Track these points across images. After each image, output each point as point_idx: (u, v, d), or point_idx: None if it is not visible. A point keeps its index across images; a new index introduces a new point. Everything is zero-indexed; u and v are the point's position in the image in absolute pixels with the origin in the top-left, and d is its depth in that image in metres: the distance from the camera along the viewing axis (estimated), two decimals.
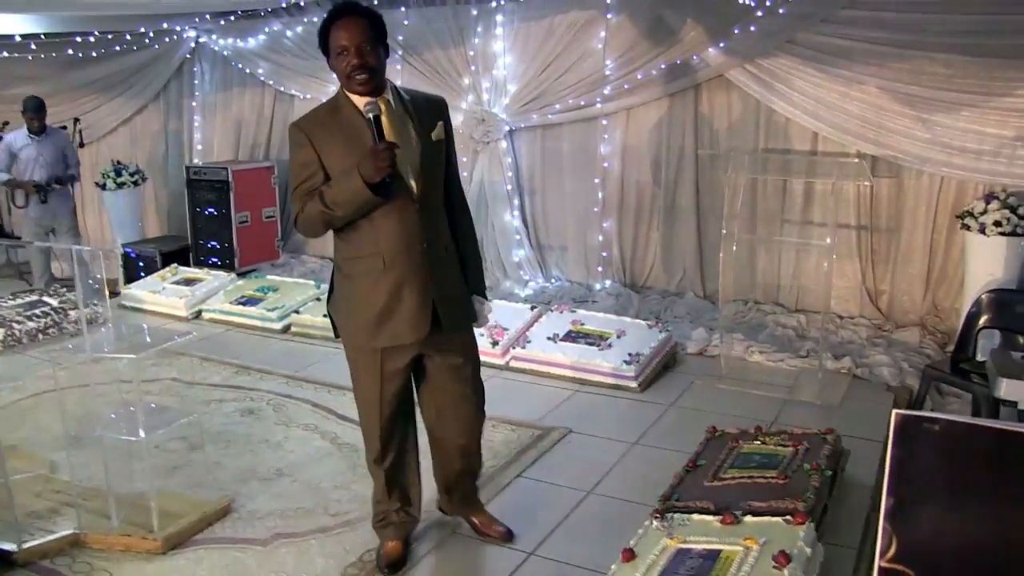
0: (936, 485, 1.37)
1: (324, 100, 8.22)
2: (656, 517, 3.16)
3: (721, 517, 3.07)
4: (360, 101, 2.93)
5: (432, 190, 3.03)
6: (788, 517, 2.99)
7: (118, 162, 8.67)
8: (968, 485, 1.36)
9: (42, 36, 8.64)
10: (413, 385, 3.26)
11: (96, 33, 8.74)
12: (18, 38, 8.56)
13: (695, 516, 3.14)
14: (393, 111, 2.97)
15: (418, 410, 3.36)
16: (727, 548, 2.85)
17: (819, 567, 2.91)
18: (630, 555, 2.93)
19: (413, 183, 2.96)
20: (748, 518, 3.05)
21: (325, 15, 2.94)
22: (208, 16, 8.46)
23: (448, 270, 3.11)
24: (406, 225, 2.95)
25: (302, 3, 7.76)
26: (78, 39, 8.84)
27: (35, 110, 7.14)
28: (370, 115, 2.84)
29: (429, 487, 3.47)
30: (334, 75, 3.01)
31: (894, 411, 1.38)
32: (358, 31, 2.86)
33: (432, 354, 3.15)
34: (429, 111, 3.07)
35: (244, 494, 3.93)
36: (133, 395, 3.69)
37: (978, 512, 1.35)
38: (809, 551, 2.82)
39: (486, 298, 3.30)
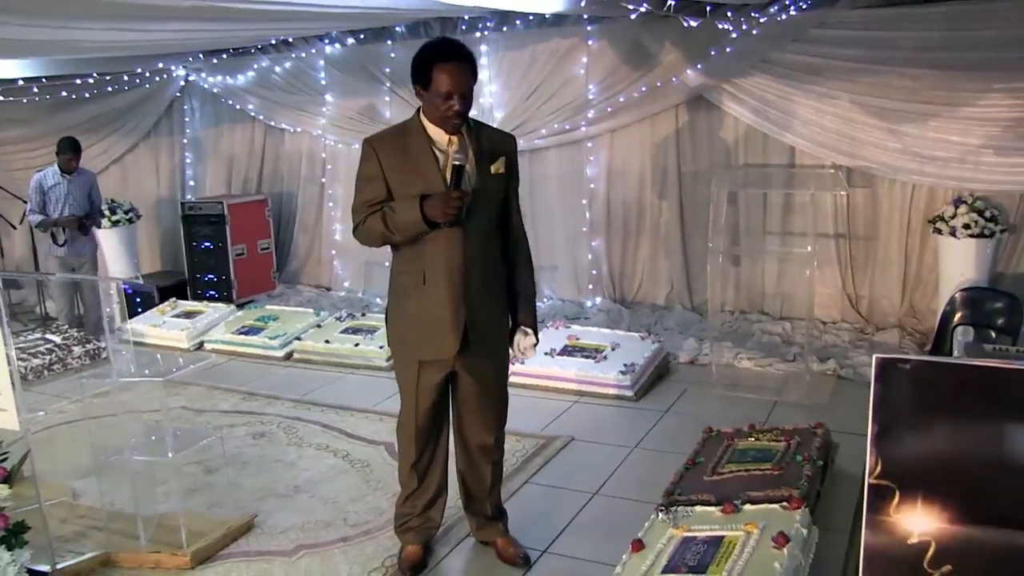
0: (909, 413, 1.68)
1: (314, 133, 8.43)
2: (661, 510, 3.36)
3: (722, 507, 3.28)
4: (433, 131, 3.10)
5: (479, 218, 3.16)
6: (784, 503, 3.20)
7: (112, 200, 8.82)
8: (934, 410, 1.67)
9: (43, 80, 8.80)
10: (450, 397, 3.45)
11: (95, 75, 8.92)
12: (21, 82, 8.74)
13: (697, 508, 3.35)
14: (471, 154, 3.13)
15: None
16: (729, 534, 3.06)
17: (815, 547, 3.12)
18: (639, 545, 3.13)
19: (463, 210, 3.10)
20: (747, 506, 3.26)
21: (429, 45, 3.05)
22: (202, 55, 8.68)
23: (486, 294, 3.25)
24: (449, 247, 3.12)
25: (291, 39, 8.00)
26: (77, 81, 9.01)
27: (74, 150, 7.25)
28: (455, 163, 3.00)
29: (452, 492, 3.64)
30: (323, 108, 3.19)
31: (875, 356, 1.65)
32: (465, 79, 2.99)
33: (463, 374, 3.31)
34: (494, 145, 3.20)
35: (264, 511, 4.08)
36: (162, 418, 3.86)
37: (942, 432, 1.66)
38: (805, 532, 3.04)
39: (534, 330, 3.38)
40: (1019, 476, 1.66)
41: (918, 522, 1.73)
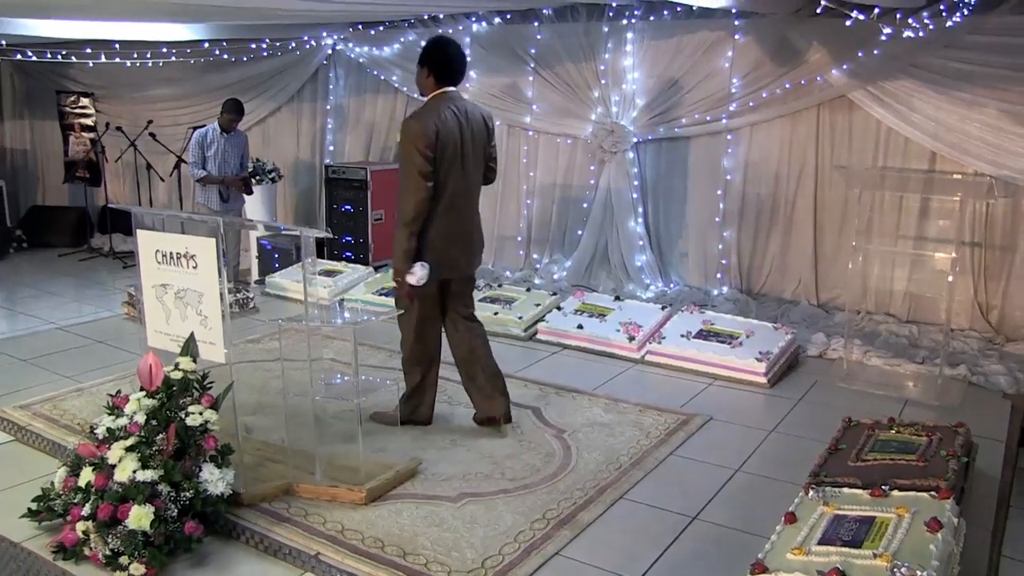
0: None
1: None
2: (812, 488, 3.58)
3: (870, 491, 3.48)
4: None
5: None
6: (933, 492, 3.38)
7: (257, 160, 9.31)
8: None
9: (206, 44, 9.31)
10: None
11: (257, 43, 9.40)
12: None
13: (845, 489, 3.56)
14: None
15: None
16: (880, 515, 3.26)
17: (963, 539, 3.31)
18: (792, 518, 3.35)
19: None
20: (895, 492, 3.45)
21: None
22: (362, 26, 9.06)
23: None
24: None
25: (441, 15, 8.33)
26: (224, 43, 9.49)
27: (238, 112, 7.78)
28: None
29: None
30: (467, 84, 3.75)
31: None
32: None
33: None
34: None
35: (425, 460, 4.40)
36: (353, 364, 4.19)
37: None
38: (956, 521, 3.23)
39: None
40: None
41: None
